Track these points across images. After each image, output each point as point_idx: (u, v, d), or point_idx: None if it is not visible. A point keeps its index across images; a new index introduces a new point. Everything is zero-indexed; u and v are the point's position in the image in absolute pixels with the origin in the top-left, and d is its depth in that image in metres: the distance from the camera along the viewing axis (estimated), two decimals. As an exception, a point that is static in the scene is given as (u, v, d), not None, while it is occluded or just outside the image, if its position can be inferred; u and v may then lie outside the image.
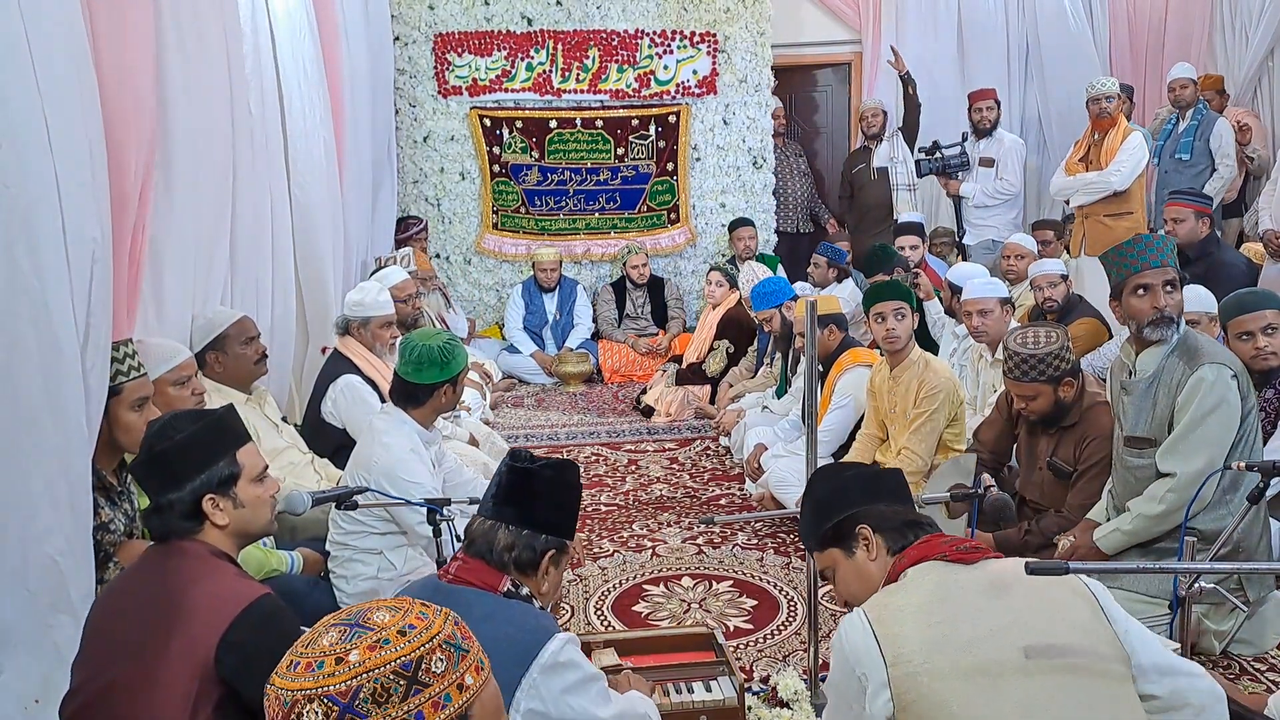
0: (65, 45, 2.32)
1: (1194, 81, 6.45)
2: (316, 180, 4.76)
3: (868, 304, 4.05)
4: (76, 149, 2.32)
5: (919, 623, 1.67)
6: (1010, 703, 1.59)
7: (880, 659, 1.66)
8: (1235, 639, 2.91)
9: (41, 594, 2.20)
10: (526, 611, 1.83)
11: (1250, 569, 2.76)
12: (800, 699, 2.77)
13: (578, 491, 2.02)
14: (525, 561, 1.88)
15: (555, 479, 1.94)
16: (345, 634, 1.12)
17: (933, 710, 1.61)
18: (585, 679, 1.81)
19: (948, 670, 1.62)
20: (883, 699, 1.64)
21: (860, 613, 1.73)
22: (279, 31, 4.40)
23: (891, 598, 1.75)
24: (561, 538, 1.94)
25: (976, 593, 1.70)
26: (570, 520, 1.99)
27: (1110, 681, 1.63)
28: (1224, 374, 2.86)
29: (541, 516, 1.91)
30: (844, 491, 1.95)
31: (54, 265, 2.19)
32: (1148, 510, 2.93)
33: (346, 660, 1.09)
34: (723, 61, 7.47)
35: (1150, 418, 2.98)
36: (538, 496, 1.91)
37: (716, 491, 4.79)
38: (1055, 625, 1.66)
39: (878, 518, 1.89)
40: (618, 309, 7.35)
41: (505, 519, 1.90)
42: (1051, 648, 1.63)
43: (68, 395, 2.23)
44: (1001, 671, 1.61)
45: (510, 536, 1.88)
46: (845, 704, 1.75)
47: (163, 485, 1.92)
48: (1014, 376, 3.18)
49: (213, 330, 3.45)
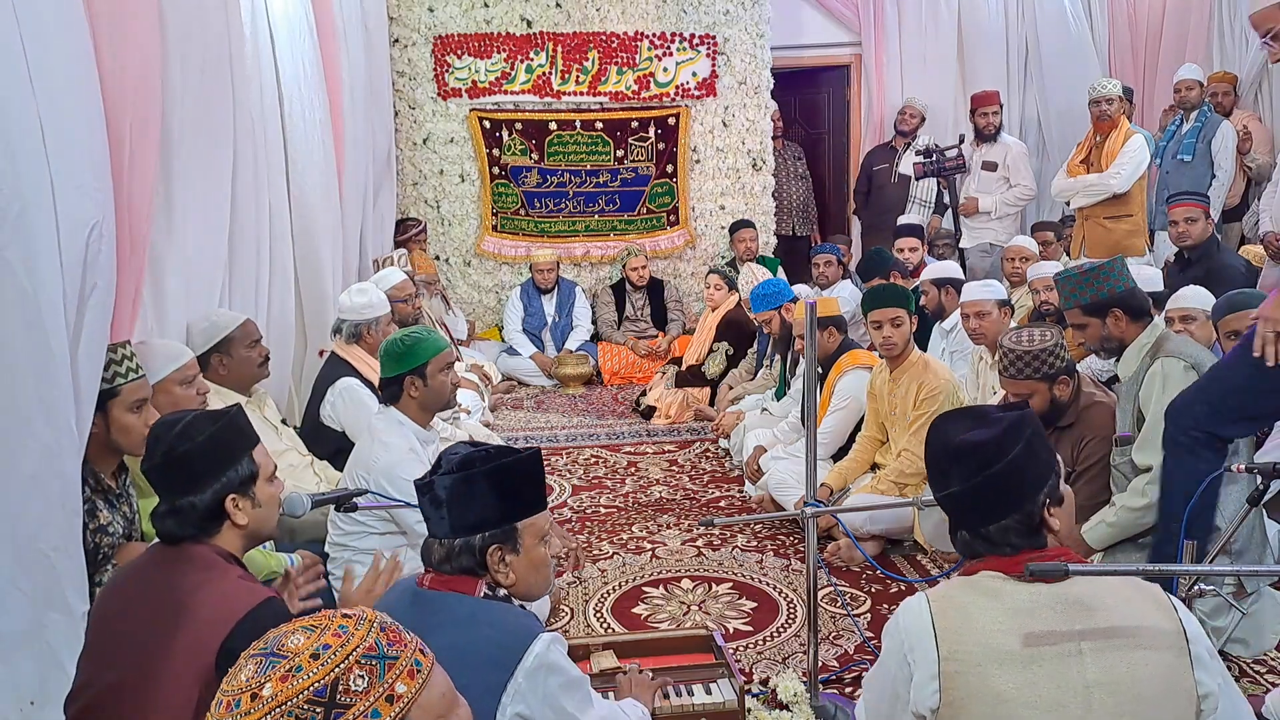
0: (66, 48, 2.32)
1: (1200, 83, 6.43)
2: (316, 182, 4.76)
3: (865, 309, 4.06)
4: (74, 151, 2.32)
5: (982, 625, 1.63)
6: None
7: (934, 649, 1.63)
8: (1233, 639, 2.92)
9: (35, 593, 2.19)
10: (508, 612, 1.80)
11: (1249, 571, 2.77)
12: (800, 701, 2.77)
13: (506, 472, 1.84)
14: (468, 566, 1.81)
15: (461, 479, 1.81)
16: (260, 665, 1.07)
17: (979, 707, 1.60)
18: (570, 682, 1.79)
19: (1000, 676, 1.60)
20: (930, 689, 1.63)
21: (924, 599, 1.70)
22: (279, 33, 4.41)
23: (960, 593, 1.70)
24: (503, 525, 1.83)
25: (1051, 609, 1.63)
26: (507, 504, 1.84)
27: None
28: (1175, 366, 2.94)
29: (464, 519, 1.81)
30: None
31: (47, 267, 2.18)
32: (1131, 503, 2.97)
33: (260, 696, 1.05)
34: (722, 64, 7.48)
35: (1131, 417, 3.06)
36: (451, 503, 1.82)
37: (716, 493, 4.79)
38: (1128, 663, 1.60)
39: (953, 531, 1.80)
40: (617, 311, 7.35)
41: (436, 534, 1.84)
42: (1117, 684, 1.58)
43: (58, 395, 2.22)
44: (1056, 693, 1.59)
45: (443, 549, 1.82)
46: (888, 682, 1.73)
47: (183, 487, 1.90)
48: (1009, 375, 3.18)
49: (217, 333, 3.45)
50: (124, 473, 2.65)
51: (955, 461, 1.72)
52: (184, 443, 1.91)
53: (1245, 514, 2.50)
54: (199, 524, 1.91)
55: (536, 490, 1.91)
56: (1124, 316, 3.08)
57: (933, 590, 1.73)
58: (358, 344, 4.12)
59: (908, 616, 1.70)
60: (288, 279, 4.44)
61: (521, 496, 1.87)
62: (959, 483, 1.70)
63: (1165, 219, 6.29)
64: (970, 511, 1.72)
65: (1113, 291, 3.08)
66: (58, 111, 2.24)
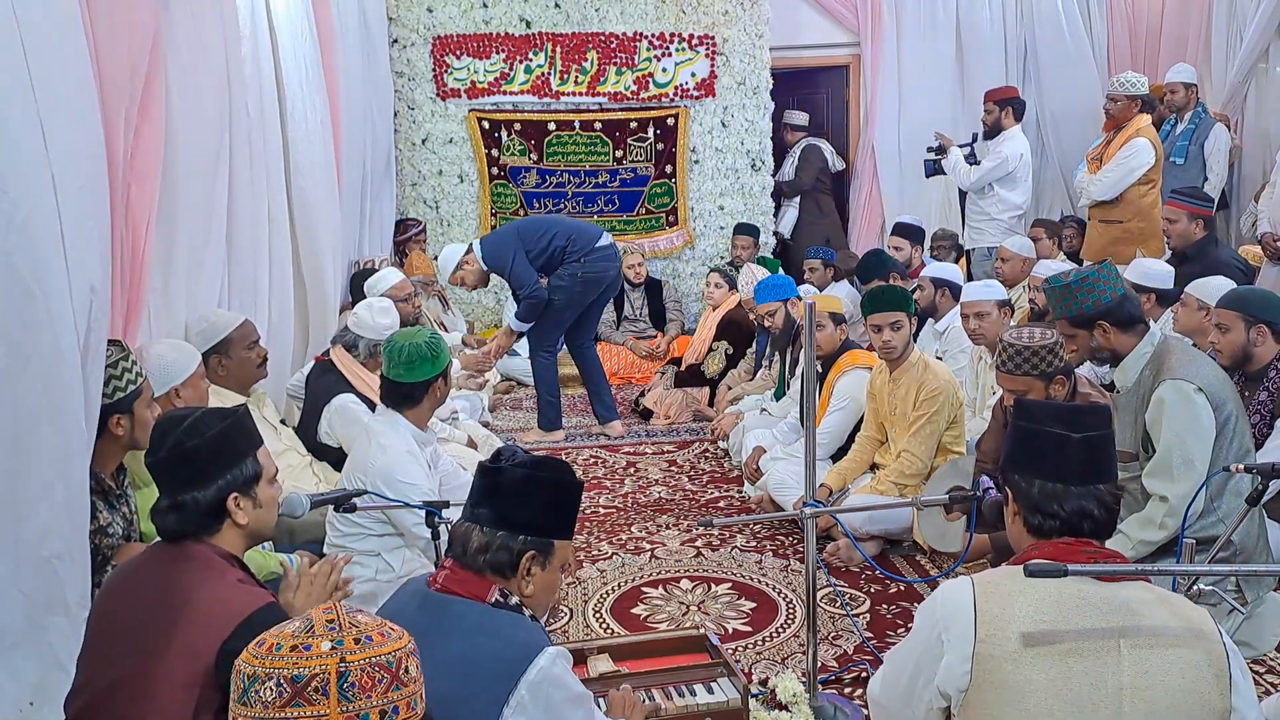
0: (65, 49, 2.31)
1: (1185, 85, 6.36)
2: (318, 182, 4.76)
3: (864, 313, 4.06)
4: (75, 152, 2.31)
5: (1024, 614, 1.64)
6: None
7: (972, 629, 1.64)
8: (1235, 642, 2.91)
9: (37, 596, 2.19)
10: (516, 624, 1.80)
11: (1249, 571, 2.77)
12: (799, 701, 2.77)
13: (565, 488, 1.90)
14: (501, 563, 1.81)
15: (529, 477, 1.84)
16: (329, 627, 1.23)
17: (1008, 694, 1.60)
18: (573, 697, 1.78)
19: (1034, 666, 1.60)
20: (962, 670, 1.64)
21: (969, 581, 1.71)
22: (280, 34, 4.40)
23: (1007, 580, 1.70)
24: (545, 537, 1.85)
25: (1097, 607, 1.64)
26: (554, 519, 1.88)
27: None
28: (1184, 390, 2.89)
29: (516, 516, 1.82)
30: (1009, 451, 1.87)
31: (54, 269, 2.19)
32: (1148, 536, 2.94)
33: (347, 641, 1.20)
34: (721, 64, 7.48)
35: (1132, 432, 3.03)
36: (510, 495, 1.83)
37: (715, 494, 4.79)
38: (1164, 669, 1.61)
39: (1024, 491, 1.80)
40: (616, 311, 7.34)
41: (479, 521, 1.84)
42: (1150, 690, 1.59)
43: (67, 399, 2.23)
44: (1088, 690, 1.60)
45: (484, 538, 1.82)
46: (913, 658, 1.74)
47: (187, 482, 1.90)
48: (1006, 370, 3.17)
49: (216, 334, 3.45)
50: (123, 473, 2.65)
51: (1082, 414, 1.80)
52: (193, 438, 1.91)
53: (1244, 514, 2.50)
54: (200, 521, 1.91)
55: (575, 517, 1.96)
56: (1111, 328, 3.03)
57: (979, 574, 1.75)
58: (371, 363, 4.01)
59: (949, 596, 1.71)
60: (287, 280, 4.44)
61: (565, 517, 1.92)
62: (1089, 428, 1.75)
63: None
64: (1084, 464, 1.75)
65: (1098, 303, 3.02)
66: (57, 113, 2.23)
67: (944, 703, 1.70)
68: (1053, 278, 3.24)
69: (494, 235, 5.53)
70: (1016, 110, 6.48)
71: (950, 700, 1.68)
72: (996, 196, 6.42)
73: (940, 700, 1.70)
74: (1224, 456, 2.89)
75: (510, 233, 5.45)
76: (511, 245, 5.30)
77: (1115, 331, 3.04)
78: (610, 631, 3.38)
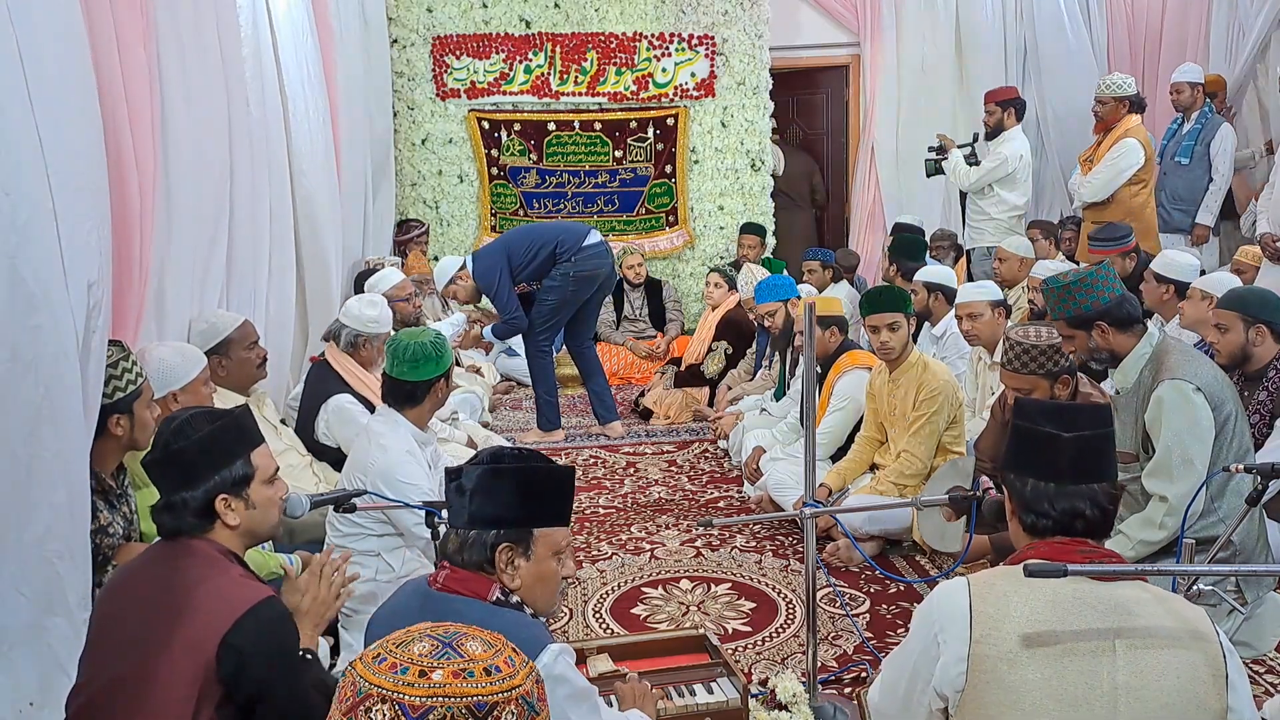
0: (62, 50, 2.31)
1: (1191, 85, 6.34)
2: (320, 182, 4.77)
3: (863, 314, 4.07)
4: (74, 153, 2.32)
5: (1020, 614, 1.64)
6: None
7: (968, 630, 1.64)
8: (1235, 642, 2.91)
9: (37, 597, 2.19)
10: (518, 621, 1.80)
11: (1248, 571, 2.77)
12: (799, 701, 2.76)
13: (534, 475, 1.87)
14: (476, 561, 1.83)
15: (490, 471, 1.83)
16: (437, 650, 1.15)
17: (1004, 695, 1.60)
18: (577, 693, 1.78)
19: (1030, 666, 1.60)
20: (957, 670, 1.64)
21: (965, 582, 1.71)
22: (281, 34, 4.41)
23: (1003, 581, 1.70)
24: (520, 527, 1.84)
25: (1093, 607, 1.64)
26: (530, 507, 1.85)
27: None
28: (1183, 390, 2.88)
29: (484, 512, 1.83)
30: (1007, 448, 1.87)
31: (54, 270, 2.19)
32: (1148, 536, 2.94)
33: (429, 677, 1.11)
34: (721, 64, 7.48)
35: (1132, 432, 3.03)
36: (475, 494, 1.83)
37: (715, 494, 4.79)
38: (1160, 670, 1.61)
39: (1017, 490, 1.80)
40: (616, 311, 7.34)
41: (455, 524, 1.87)
42: (1145, 690, 1.59)
43: (68, 399, 2.23)
44: (1084, 690, 1.60)
45: (457, 539, 1.84)
46: (911, 660, 1.74)
47: (177, 483, 1.92)
48: (1012, 368, 3.18)
49: (216, 334, 3.46)
50: (123, 472, 2.65)
51: (1075, 413, 1.79)
52: (179, 440, 1.92)
53: (1244, 514, 2.50)
54: (192, 521, 1.92)
55: (561, 503, 1.92)
56: (1110, 329, 3.03)
57: (974, 575, 1.75)
58: (352, 354, 4.06)
59: (944, 597, 1.71)
60: (287, 280, 4.44)
61: (545, 504, 1.88)
62: (1081, 428, 1.74)
63: (1171, 221, 6.30)
64: (1075, 464, 1.73)
65: (1096, 304, 3.02)
66: (55, 115, 2.24)
67: (942, 704, 1.70)
68: (1051, 278, 3.24)
69: (484, 253, 5.54)
70: (1018, 110, 6.48)
71: (948, 701, 1.68)
72: (996, 197, 6.42)
73: (939, 701, 1.70)
74: (1223, 456, 2.89)
75: (498, 251, 5.45)
76: (498, 265, 5.33)
77: (1114, 332, 3.04)
78: (610, 632, 3.39)
